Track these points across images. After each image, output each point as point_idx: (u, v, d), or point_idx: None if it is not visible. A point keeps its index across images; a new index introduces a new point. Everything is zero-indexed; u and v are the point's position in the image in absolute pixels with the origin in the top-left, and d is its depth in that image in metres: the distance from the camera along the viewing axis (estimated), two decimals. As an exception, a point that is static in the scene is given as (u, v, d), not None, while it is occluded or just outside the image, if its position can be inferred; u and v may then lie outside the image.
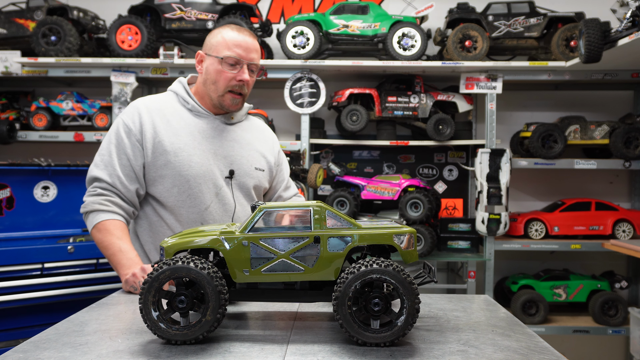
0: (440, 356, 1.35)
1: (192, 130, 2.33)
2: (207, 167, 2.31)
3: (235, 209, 2.37)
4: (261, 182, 2.48)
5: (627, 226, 4.12)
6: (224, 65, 2.28)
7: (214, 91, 2.33)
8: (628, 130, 4.01)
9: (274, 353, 1.37)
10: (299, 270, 1.45)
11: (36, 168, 3.54)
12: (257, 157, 2.47)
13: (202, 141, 2.33)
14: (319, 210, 1.47)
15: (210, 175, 2.31)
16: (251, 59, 2.31)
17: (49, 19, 3.98)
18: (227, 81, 2.30)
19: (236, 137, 2.43)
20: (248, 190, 2.42)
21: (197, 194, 2.29)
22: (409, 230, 1.48)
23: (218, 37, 2.32)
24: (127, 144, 2.27)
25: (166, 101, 2.40)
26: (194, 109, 2.38)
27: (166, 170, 2.27)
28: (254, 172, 2.43)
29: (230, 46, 2.28)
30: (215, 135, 2.37)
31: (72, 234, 3.54)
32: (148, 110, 2.33)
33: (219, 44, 2.30)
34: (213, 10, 4.13)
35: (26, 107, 4.26)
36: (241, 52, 2.28)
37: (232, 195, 2.36)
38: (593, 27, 3.37)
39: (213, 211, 2.31)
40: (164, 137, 2.28)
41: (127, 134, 2.29)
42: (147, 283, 1.40)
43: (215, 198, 2.32)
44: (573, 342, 4.48)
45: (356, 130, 4.08)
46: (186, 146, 2.29)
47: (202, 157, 2.31)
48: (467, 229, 4.16)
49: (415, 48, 3.99)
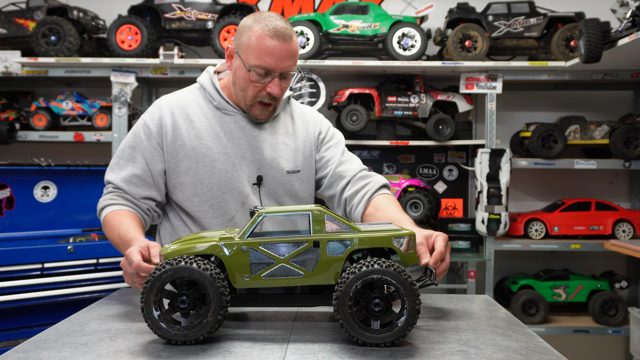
0: (440, 356, 1.35)
1: (217, 132, 2.12)
2: (231, 175, 2.09)
3: None
4: (294, 186, 2.19)
5: (627, 226, 4.12)
6: (253, 75, 2.00)
7: (243, 98, 2.09)
8: (628, 130, 4.01)
9: (274, 353, 1.37)
10: (299, 274, 1.45)
11: (36, 168, 3.54)
12: (291, 157, 2.18)
13: (227, 144, 2.11)
14: (318, 214, 1.47)
15: (235, 182, 2.10)
16: (284, 68, 2.01)
17: (49, 19, 3.98)
18: (255, 92, 2.04)
19: (267, 137, 2.16)
20: (278, 197, 2.16)
21: (220, 204, 2.09)
22: (408, 232, 1.48)
23: (249, 37, 2.00)
24: (146, 146, 2.09)
25: (191, 98, 2.18)
26: (220, 105, 2.15)
27: (187, 177, 2.09)
28: (286, 177, 2.16)
29: (261, 54, 1.97)
30: (244, 136, 2.13)
31: (72, 234, 3.55)
32: (170, 109, 2.13)
33: (249, 47, 1.99)
34: (213, 10, 4.13)
35: (26, 107, 4.26)
36: (272, 62, 1.97)
37: (259, 204, 2.11)
38: (593, 27, 3.37)
39: (239, 222, 2.09)
40: (185, 141, 2.08)
41: (147, 135, 2.10)
42: (149, 282, 1.40)
43: (242, 208, 2.11)
44: (573, 342, 4.48)
45: (356, 130, 4.08)
46: (209, 151, 2.08)
47: (227, 162, 2.09)
48: (467, 229, 4.16)
49: (415, 48, 4.00)
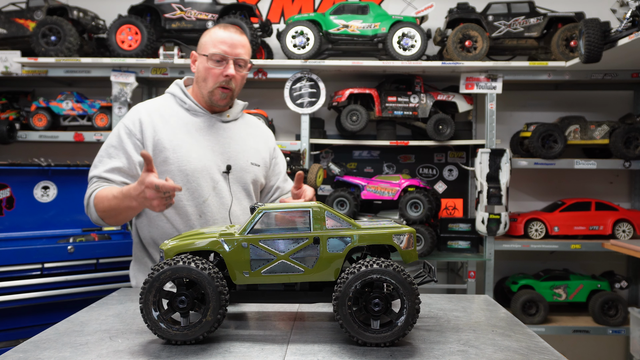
0: (440, 356, 1.35)
1: (190, 128, 2.45)
2: (205, 162, 2.41)
3: (232, 202, 2.46)
4: (257, 176, 2.58)
5: (627, 226, 4.12)
6: (211, 62, 2.39)
7: (204, 88, 2.44)
8: (628, 130, 4.01)
9: (274, 353, 1.37)
10: (299, 271, 1.45)
11: (36, 168, 3.54)
12: (253, 153, 2.58)
13: (199, 138, 2.44)
14: (318, 211, 1.47)
15: (208, 169, 2.41)
16: (237, 54, 2.41)
17: (49, 19, 3.98)
18: (215, 77, 2.40)
19: (232, 134, 2.54)
20: (245, 184, 2.52)
21: (195, 188, 2.39)
22: (409, 230, 1.48)
23: (206, 37, 2.45)
24: (128, 142, 2.37)
25: (164, 103, 2.53)
26: (191, 108, 2.49)
27: (166, 166, 2.36)
28: (250, 167, 2.54)
29: (216, 43, 2.39)
30: (212, 132, 2.48)
31: (72, 234, 3.55)
32: (148, 112, 2.45)
33: (207, 42, 2.42)
34: (213, 10, 4.13)
35: (26, 107, 4.26)
36: (226, 48, 2.38)
37: (229, 190, 2.46)
38: (593, 27, 3.37)
39: (211, 204, 2.40)
40: (163, 136, 2.39)
41: (128, 134, 2.39)
42: (147, 283, 1.40)
43: (213, 192, 2.42)
44: (573, 342, 4.48)
45: (356, 130, 4.08)
46: (184, 143, 2.40)
47: (200, 152, 2.41)
48: (467, 229, 4.16)
49: (415, 48, 3.99)
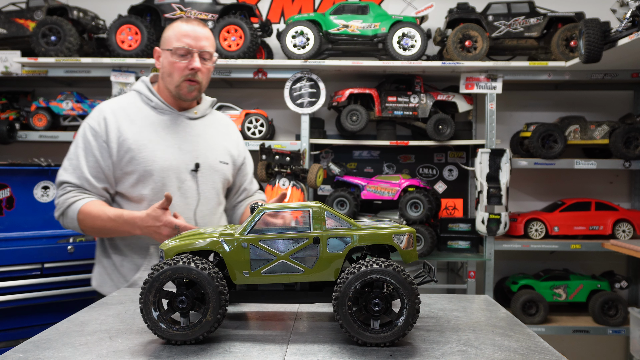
0: (440, 356, 1.35)
1: (156, 127, 2.42)
2: (171, 162, 2.38)
3: (198, 202, 2.43)
4: (226, 175, 2.56)
5: (627, 226, 4.12)
6: (175, 56, 2.37)
7: (171, 83, 2.43)
8: (628, 130, 4.01)
9: (274, 353, 1.37)
10: (299, 271, 1.45)
11: (36, 168, 3.54)
12: (222, 151, 2.55)
13: (165, 137, 2.41)
14: (318, 210, 1.47)
15: (173, 169, 2.39)
16: (201, 47, 2.39)
17: (49, 19, 3.98)
18: (180, 71, 2.38)
19: (200, 132, 2.51)
20: (214, 183, 2.50)
21: (160, 188, 2.36)
22: (408, 230, 1.48)
23: (168, 32, 2.42)
24: (95, 145, 2.35)
25: (130, 101, 2.48)
26: (157, 106, 2.46)
27: (131, 166, 2.35)
28: (219, 166, 2.52)
29: (179, 37, 2.37)
30: (179, 131, 2.45)
31: (72, 234, 3.54)
32: (112, 112, 2.41)
33: (170, 37, 2.40)
34: (213, 10, 4.13)
35: (26, 107, 4.26)
36: (190, 42, 2.37)
37: (196, 189, 2.43)
38: (593, 27, 3.37)
39: (175, 204, 2.35)
40: (128, 136, 2.36)
41: (94, 136, 2.36)
42: (147, 283, 1.40)
43: (178, 192, 2.39)
44: (573, 342, 4.48)
45: (356, 130, 4.08)
46: (150, 142, 2.37)
47: (166, 152, 2.38)
48: (467, 229, 4.16)
49: (415, 48, 3.99)
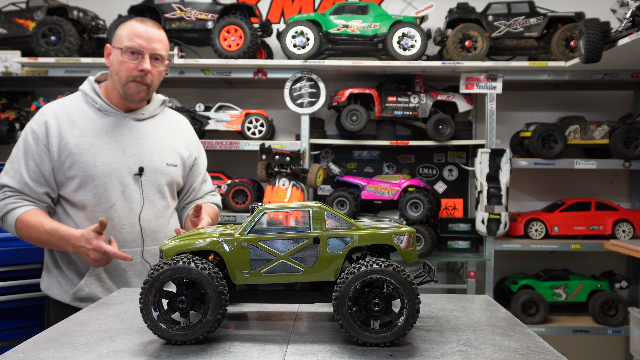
0: (440, 356, 1.35)
1: (99, 130, 2.35)
2: (113, 166, 2.32)
3: (142, 206, 2.37)
4: (174, 177, 2.49)
5: (627, 226, 4.12)
6: (125, 56, 2.31)
7: (118, 82, 2.35)
8: (628, 130, 4.01)
9: (274, 353, 1.37)
10: (299, 271, 1.45)
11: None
12: (169, 153, 2.48)
13: (109, 140, 2.35)
14: (318, 210, 1.47)
15: (116, 173, 2.33)
16: (153, 49, 2.33)
17: (49, 19, 3.98)
18: (128, 71, 2.31)
19: (147, 134, 2.44)
20: (160, 186, 2.43)
21: (102, 193, 2.30)
22: (408, 230, 1.48)
23: (121, 30, 2.34)
24: (35, 149, 2.30)
25: (74, 103, 2.42)
26: (102, 107, 2.39)
27: (72, 171, 2.29)
28: (166, 168, 2.45)
29: (132, 36, 2.30)
30: (124, 133, 2.39)
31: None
32: (54, 114, 2.35)
33: (122, 35, 2.33)
34: (213, 10, 4.13)
35: (26, 107, 4.26)
36: (142, 42, 2.30)
37: (140, 193, 2.37)
38: (593, 27, 3.37)
39: (118, 209, 2.32)
40: (69, 140, 2.30)
41: (35, 139, 2.31)
42: (147, 283, 1.40)
43: (121, 196, 2.33)
44: (573, 342, 4.48)
45: (356, 130, 4.08)
46: (91, 146, 2.31)
47: (109, 156, 2.32)
48: (467, 229, 4.16)
49: (415, 48, 3.99)
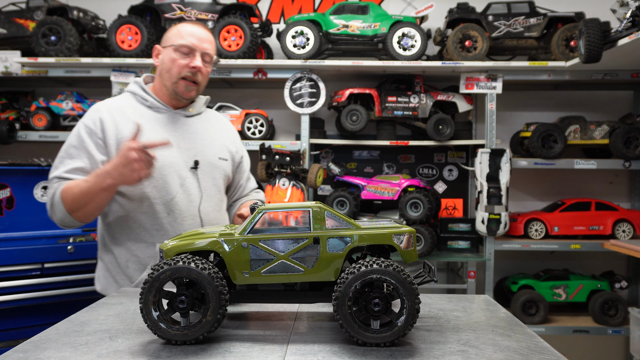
0: (440, 356, 1.35)
1: (154, 125, 2.41)
2: (170, 160, 2.37)
3: (201, 198, 2.42)
4: (226, 171, 2.57)
5: (627, 226, 4.12)
6: (177, 54, 2.38)
7: (168, 79, 2.41)
8: (628, 130, 4.01)
9: (274, 353, 1.37)
10: (299, 271, 1.45)
11: (36, 168, 3.54)
12: (220, 147, 2.56)
13: (163, 134, 2.40)
14: (318, 210, 1.47)
15: (174, 167, 2.38)
16: (204, 49, 2.42)
17: (49, 19, 3.98)
18: (180, 68, 2.38)
19: (197, 129, 2.52)
20: (215, 179, 2.50)
21: (162, 185, 2.35)
22: (408, 230, 1.48)
23: (173, 30, 2.45)
24: (89, 142, 2.32)
25: (125, 101, 2.48)
26: (153, 105, 2.46)
27: None
28: (218, 162, 2.53)
29: (184, 35, 2.40)
30: (177, 128, 2.46)
31: (72, 234, 3.54)
32: (109, 110, 2.40)
33: (174, 35, 2.42)
34: (213, 10, 4.13)
35: (26, 107, 4.26)
36: (194, 41, 2.39)
37: (198, 186, 2.43)
38: (593, 27, 3.37)
39: (179, 201, 2.37)
40: (126, 134, 2.33)
41: (89, 134, 2.34)
42: (147, 283, 1.40)
43: (180, 189, 2.38)
44: (573, 342, 4.48)
45: (356, 130, 4.08)
46: (149, 140, 2.32)
47: (165, 149, 2.35)
48: (467, 229, 4.16)
49: (415, 48, 3.99)
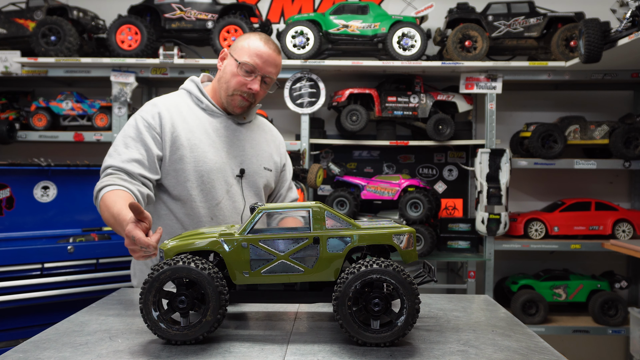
0: (440, 356, 1.35)
1: (207, 129, 2.40)
2: (219, 165, 2.37)
3: (245, 207, 2.42)
4: (269, 181, 2.55)
5: (627, 226, 4.12)
6: (240, 70, 2.34)
7: (225, 90, 2.39)
8: (628, 130, 4.01)
9: (274, 353, 1.37)
10: (299, 271, 1.45)
11: (36, 168, 3.54)
12: (266, 157, 2.54)
13: (215, 139, 2.40)
14: (318, 210, 1.47)
15: (222, 172, 2.38)
16: (267, 72, 2.36)
17: (49, 19, 3.98)
18: (238, 85, 2.35)
19: (247, 138, 2.50)
20: (257, 189, 2.49)
21: (209, 190, 2.35)
22: (408, 230, 1.48)
23: (244, 42, 2.37)
24: (147, 135, 2.30)
25: (181, 100, 2.46)
26: (207, 108, 2.44)
27: (181, 164, 2.32)
28: (263, 172, 2.51)
29: (252, 54, 2.32)
30: (228, 135, 2.44)
31: (72, 234, 3.55)
32: (166, 107, 2.38)
33: (243, 48, 2.35)
34: (213, 10, 4.13)
35: (26, 107, 4.25)
36: (259, 62, 2.33)
37: (242, 194, 2.43)
38: (593, 27, 3.37)
39: (224, 207, 2.37)
40: (180, 133, 2.33)
41: (147, 127, 2.31)
42: (147, 283, 1.40)
43: (226, 195, 2.38)
44: (573, 342, 4.48)
45: (356, 130, 4.08)
46: (201, 143, 2.35)
47: (216, 154, 2.37)
48: (467, 229, 4.16)
49: (415, 48, 3.99)
